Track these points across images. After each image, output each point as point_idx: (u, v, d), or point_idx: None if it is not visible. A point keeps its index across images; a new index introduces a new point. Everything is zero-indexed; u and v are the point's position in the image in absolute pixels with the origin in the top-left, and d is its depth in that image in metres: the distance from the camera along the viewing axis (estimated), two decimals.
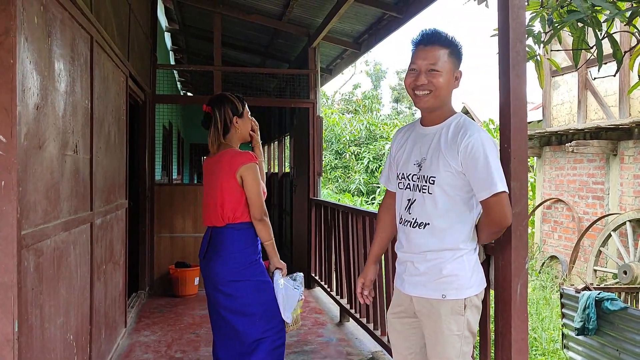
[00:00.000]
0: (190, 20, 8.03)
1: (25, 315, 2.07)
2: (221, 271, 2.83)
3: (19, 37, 1.97)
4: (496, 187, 1.97)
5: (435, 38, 2.11)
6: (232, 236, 2.84)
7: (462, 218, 2.09)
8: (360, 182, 17.24)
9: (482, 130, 2.07)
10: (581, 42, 3.46)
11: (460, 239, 2.08)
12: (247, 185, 2.81)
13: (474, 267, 2.11)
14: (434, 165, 2.09)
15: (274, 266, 2.95)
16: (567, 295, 4.96)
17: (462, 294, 2.06)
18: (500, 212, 2.01)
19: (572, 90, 9.29)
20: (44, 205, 2.34)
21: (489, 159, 1.98)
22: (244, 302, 2.82)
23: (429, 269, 2.10)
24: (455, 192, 2.07)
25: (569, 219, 9.16)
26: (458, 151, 2.02)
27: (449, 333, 2.06)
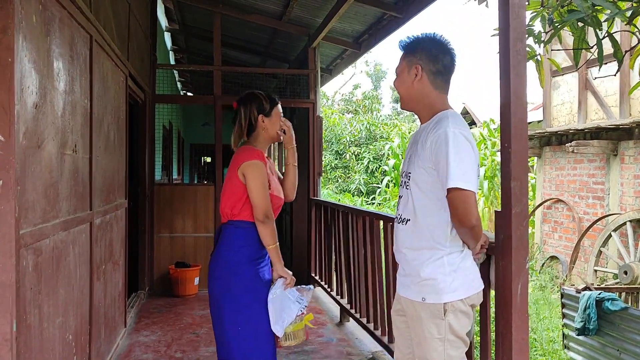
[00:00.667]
0: (190, 20, 8.02)
1: (23, 315, 2.07)
2: (215, 266, 2.70)
3: (17, 36, 1.96)
4: (451, 182, 1.90)
5: (399, 44, 2.22)
6: (231, 233, 2.70)
7: (438, 216, 2.03)
8: (360, 182, 17.23)
9: (455, 125, 1.99)
10: (581, 41, 3.46)
11: (437, 237, 2.03)
12: (248, 185, 2.65)
13: (458, 270, 2.04)
14: (412, 162, 2.12)
15: (277, 274, 2.73)
16: (568, 295, 4.95)
17: (440, 298, 2.01)
18: (460, 210, 1.91)
19: (572, 90, 9.29)
20: (43, 205, 2.33)
21: (449, 153, 1.92)
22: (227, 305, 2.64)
23: (410, 270, 2.10)
24: (428, 188, 2.04)
25: (569, 219, 9.15)
26: (426, 146, 2.02)
27: (429, 336, 2.04)
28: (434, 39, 2.16)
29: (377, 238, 4.12)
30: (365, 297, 4.40)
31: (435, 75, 2.14)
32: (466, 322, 2.09)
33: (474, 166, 1.98)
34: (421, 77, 2.12)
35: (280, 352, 4.19)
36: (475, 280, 2.13)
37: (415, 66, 2.12)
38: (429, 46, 2.14)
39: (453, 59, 2.19)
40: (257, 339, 2.65)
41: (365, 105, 22.65)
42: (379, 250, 4.11)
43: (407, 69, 2.15)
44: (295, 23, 6.55)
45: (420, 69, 2.12)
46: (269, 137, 2.83)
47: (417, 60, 2.13)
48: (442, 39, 2.18)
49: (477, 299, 2.13)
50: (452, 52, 2.18)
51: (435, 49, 2.14)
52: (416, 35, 2.20)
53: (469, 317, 2.11)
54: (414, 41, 2.17)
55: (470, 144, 1.99)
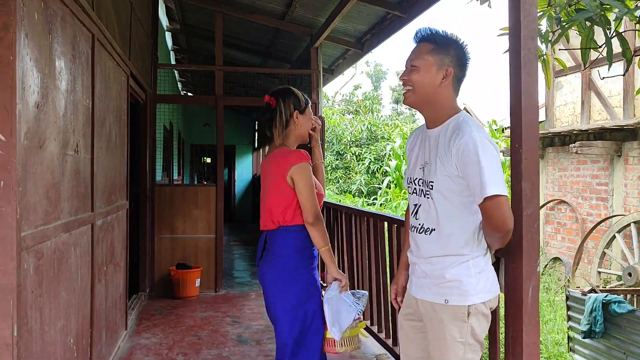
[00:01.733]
0: (191, 20, 7.98)
1: (24, 319, 2.02)
2: (270, 274, 2.66)
3: (19, 33, 1.92)
4: (486, 190, 1.85)
5: (421, 34, 2.07)
6: (283, 238, 2.65)
7: (465, 223, 1.99)
8: (361, 183, 17.18)
9: (477, 130, 1.95)
10: (590, 41, 3.41)
11: (463, 244, 1.99)
12: (298, 187, 2.59)
13: (482, 273, 2.00)
14: (433, 170, 2.02)
15: (332, 277, 2.66)
16: (574, 297, 4.90)
17: (465, 300, 1.97)
18: (497, 216, 1.87)
19: (576, 91, 9.24)
20: (45, 206, 2.28)
21: (480, 161, 1.87)
22: (287, 311, 2.63)
23: (432, 272, 2.04)
24: (454, 196, 1.98)
25: (572, 221, 9.11)
26: (452, 154, 1.94)
27: (450, 339, 1.98)
28: (462, 46, 2.07)
29: (382, 240, 4.08)
30: (369, 299, 4.36)
31: (459, 81, 2.08)
32: (486, 325, 2.05)
33: (501, 170, 1.95)
34: (448, 81, 2.03)
35: None
36: (495, 284, 2.08)
37: (447, 69, 2.02)
38: (460, 51, 2.05)
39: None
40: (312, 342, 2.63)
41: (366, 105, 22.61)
42: (383, 252, 4.06)
43: (434, 68, 2.01)
44: (297, 23, 6.51)
45: (451, 73, 2.02)
46: (300, 136, 2.77)
47: (448, 62, 2.02)
48: (467, 45, 2.10)
49: (495, 302, 2.09)
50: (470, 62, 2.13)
51: (465, 56, 2.06)
52: (447, 32, 2.08)
53: (489, 320, 2.06)
54: (446, 38, 2.04)
55: (495, 148, 1.95)
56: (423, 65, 2.02)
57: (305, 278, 2.66)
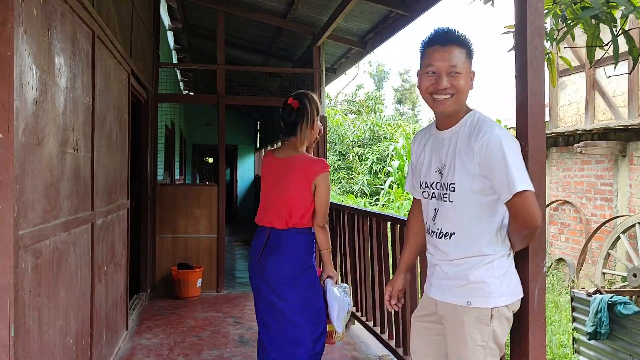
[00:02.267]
0: (193, 19, 7.95)
1: (22, 319, 1.99)
2: (279, 273, 2.80)
3: (17, 29, 1.89)
4: (515, 186, 1.82)
5: (452, 37, 1.96)
6: (294, 240, 2.81)
7: (488, 223, 1.95)
8: (363, 183, 17.13)
9: (498, 127, 1.93)
10: (595, 39, 3.37)
11: (486, 244, 1.94)
12: (320, 194, 2.80)
13: (506, 274, 1.96)
14: (453, 171, 1.96)
15: (326, 274, 2.93)
16: (578, 298, 4.85)
17: (489, 302, 1.91)
18: (526, 212, 1.85)
19: (580, 90, 9.19)
20: (43, 205, 2.25)
21: (506, 157, 1.84)
22: (294, 306, 2.80)
23: (455, 274, 1.98)
24: (476, 196, 1.93)
25: (576, 221, 9.06)
26: (474, 153, 1.89)
27: (471, 342, 1.92)
28: None
29: (385, 240, 4.04)
30: (372, 300, 4.32)
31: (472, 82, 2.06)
32: (507, 330, 2.00)
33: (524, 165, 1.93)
34: (472, 84, 2.03)
35: None
36: (518, 286, 2.03)
37: (473, 72, 2.02)
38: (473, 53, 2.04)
39: None
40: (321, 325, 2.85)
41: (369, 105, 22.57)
42: (385, 252, 4.03)
43: (469, 73, 1.99)
44: (299, 21, 6.47)
45: (474, 76, 2.03)
46: (311, 141, 2.95)
47: (472, 67, 2.02)
48: None
49: (517, 305, 2.04)
50: None
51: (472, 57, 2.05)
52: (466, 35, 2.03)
53: (510, 324, 2.01)
54: (472, 44, 2.02)
55: (517, 144, 1.94)
56: (464, 71, 1.95)
57: (312, 275, 2.86)
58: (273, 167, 2.92)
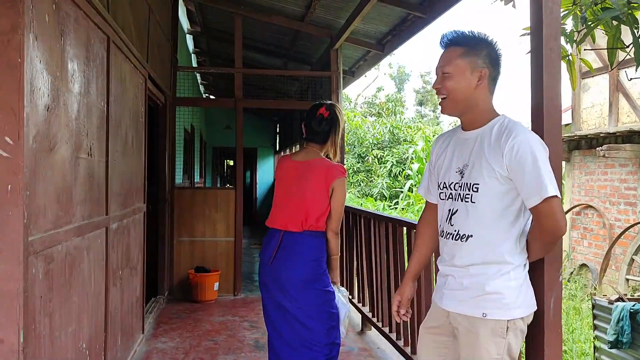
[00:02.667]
0: (211, 23, 7.99)
1: (32, 325, 1.99)
2: (294, 276, 2.82)
3: (28, 35, 1.89)
4: (547, 191, 1.77)
5: (449, 38, 1.99)
6: (309, 243, 2.85)
7: (509, 228, 1.89)
8: (383, 186, 17.04)
9: (529, 131, 1.89)
10: (616, 40, 3.29)
11: (506, 251, 1.89)
12: (336, 199, 2.85)
13: (522, 285, 1.91)
14: (477, 171, 1.91)
15: (331, 280, 2.97)
16: (600, 306, 4.74)
17: (505, 314, 1.86)
18: (553, 219, 1.79)
19: (603, 92, 9.02)
20: (55, 210, 2.26)
21: (537, 161, 1.80)
22: (311, 311, 2.83)
23: (471, 284, 1.92)
24: (500, 199, 1.88)
25: (599, 226, 8.88)
26: (503, 154, 1.84)
27: (486, 356, 1.87)
28: (493, 43, 1.99)
29: (401, 245, 3.99)
30: (387, 305, 4.27)
31: (494, 81, 2.00)
32: (520, 342, 1.95)
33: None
34: (484, 83, 1.95)
35: None
36: (533, 298, 1.98)
37: (481, 70, 1.94)
38: (492, 49, 1.97)
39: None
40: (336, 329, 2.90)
41: (389, 108, 22.46)
42: (401, 257, 3.98)
43: (468, 71, 1.94)
44: (317, 24, 6.46)
45: (486, 74, 1.95)
46: (334, 150, 3.02)
47: (481, 64, 1.94)
48: (497, 43, 2.01)
49: (531, 318, 1.98)
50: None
51: (496, 54, 1.98)
52: (474, 32, 1.99)
53: (524, 337, 1.97)
54: (475, 39, 1.97)
55: (546, 150, 1.89)
56: (455, 71, 1.95)
57: (325, 279, 2.90)
58: (291, 170, 2.96)
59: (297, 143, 11.10)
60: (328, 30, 6.48)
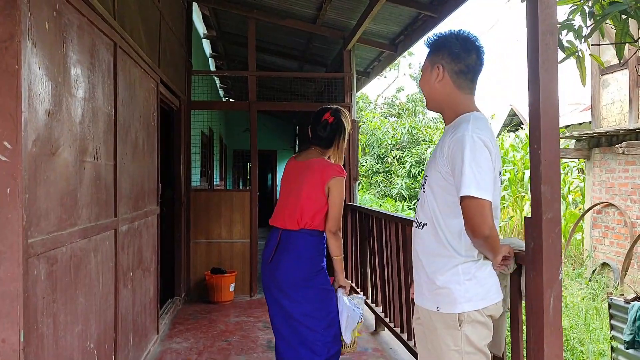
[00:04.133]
0: (226, 27, 8.06)
1: (34, 325, 2.04)
2: (291, 274, 2.84)
3: (25, 42, 1.94)
4: (462, 190, 1.80)
5: (426, 44, 2.14)
6: (305, 241, 2.87)
7: (453, 222, 1.94)
8: (402, 187, 16.97)
9: (474, 129, 1.88)
10: (625, 35, 3.23)
11: (452, 245, 1.94)
12: (333, 198, 2.85)
13: (473, 280, 1.93)
14: (429, 165, 2.05)
15: (338, 283, 2.94)
16: (616, 305, 4.66)
17: (455, 308, 1.91)
18: (472, 219, 1.80)
19: (623, 88, 8.85)
20: (58, 213, 2.31)
21: (464, 159, 1.82)
22: (307, 308, 2.84)
23: (426, 279, 2.01)
24: (442, 193, 1.96)
25: (620, 224, 8.71)
26: (444, 150, 1.93)
27: (445, 348, 1.93)
28: (458, 37, 2.04)
29: (410, 245, 3.97)
30: (399, 305, 4.26)
31: (458, 75, 2.03)
32: (485, 332, 1.97)
33: (490, 174, 1.86)
34: (443, 77, 2.04)
35: None
36: (492, 291, 1.99)
37: (437, 66, 2.03)
38: (451, 44, 2.03)
39: (479, 57, 2.07)
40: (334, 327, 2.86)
41: (409, 108, 22.35)
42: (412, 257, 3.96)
43: (429, 69, 2.07)
44: (329, 26, 6.47)
45: (442, 68, 2.03)
46: (338, 154, 3.04)
47: (439, 60, 2.04)
48: (468, 36, 2.06)
49: (494, 310, 2.01)
50: (478, 51, 2.06)
51: (459, 47, 2.03)
52: (441, 32, 2.10)
53: (488, 327, 1.99)
54: (437, 39, 2.08)
55: (489, 151, 1.87)
56: (423, 72, 2.11)
57: (323, 278, 2.89)
58: (292, 170, 3.02)
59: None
60: (340, 31, 6.49)
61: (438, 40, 2.07)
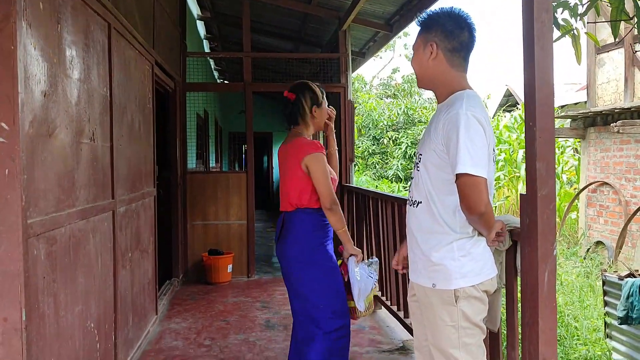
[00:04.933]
0: (221, 7, 8.00)
1: (35, 304, 2.06)
2: (292, 252, 2.90)
3: (20, 23, 1.94)
4: (457, 167, 1.81)
5: (416, 21, 2.11)
6: (301, 219, 2.90)
7: (447, 200, 1.96)
8: (398, 168, 16.99)
9: (469, 106, 1.89)
10: (620, 12, 3.24)
11: (447, 221, 1.96)
12: (314, 174, 2.84)
13: (467, 256, 1.96)
14: (423, 143, 2.06)
15: (348, 253, 2.95)
16: (610, 282, 4.72)
17: (451, 284, 1.94)
18: (468, 196, 1.81)
19: (619, 67, 8.85)
20: (57, 194, 2.32)
21: (460, 137, 1.83)
22: (309, 285, 2.87)
23: (421, 255, 2.02)
24: (436, 171, 1.97)
25: (615, 203, 8.77)
26: (439, 128, 1.93)
27: (442, 323, 1.96)
28: (451, 14, 2.04)
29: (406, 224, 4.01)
30: (395, 284, 4.31)
31: (452, 53, 2.03)
32: (481, 307, 2.00)
33: (485, 151, 1.87)
34: (436, 55, 2.02)
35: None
36: (487, 267, 2.02)
37: (430, 43, 2.02)
38: (444, 22, 2.02)
39: (472, 35, 2.07)
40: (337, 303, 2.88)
41: (404, 89, 22.27)
42: None
43: (422, 47, 2.05)
44: (324, 6, 6.43)
45: (435, 46, 2.02)
46: (317, 126, 3.07)
47: (432, 37, 2.02)
48: (460, 13, 2.06)
49: (490, 285, 2.04)
50: (470, 28, 2.06)
51: (451, 25, 2.02)
52: (433, 10, 2.09)
53: (484, 302, 2.02)
54: (429, 17, 2.06)
55: (483, 128, 1.88)
56: (415, 50, 2.09)
57: (322, 254, 2.91)
58: (281, 154, 3.07)
59: None
60: (336, 11, 6.45)
61: (430, 17, 2.06)
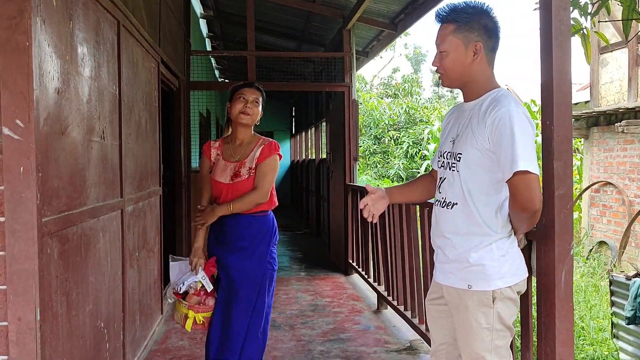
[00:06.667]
0: (224, 6, 7.98)
1: (49, 303, 2.04)
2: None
3: (35, 19, 1.91)
4: (518, 165, 1.77)
5: (442, 16, 1.99)
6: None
7: (490, 200, 1.93)
8: (399, 167, 16.98)
9: (516, 104, 1.87)
10: (632, 12, 3.23)
11: (489, 222, 1.92)
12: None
13: (506, 256, 1.93)
14: (463, 142, 1.97)
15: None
16: (617, 282, 4.71)
17: (489, 285, 1.90)
18: (524, 194, 1.79)
19: (622, 67, 8.84)
20: (69, 192, 2.30)
21: (515, 134, 1.79)
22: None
23: (456, 257, 1.98)
24: (481, 171, 1.92)
25: (618, 203, 8.76)
26: (485, 126, 1.87)
27: (477, 326, 1.92)
28: (488, 12, 1.96)
29: (414, 223, 4.00)
30: (402, 283, 4.29)
31: (492, 52, 2.00)
32: (514, 310, 1.98)
33: (534, 148, 1.86)
34: (480, 56, 1.95)
35: (315, 340, 4.14)
36: (522, 267, 2.00)
37: (475, 44, 1.93)
38: (486, 21, 1.95)
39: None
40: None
41: (405, 88, 22.27)
42: (415, 235, 3.98)
43: (462, 47, 1.94)
44: (329, 5, 6.42)
45: (481, 47, 1.94)
46: (234, 120, 3.33)
47: (475, 37, 1.93)
48: (493, 10, 2.00)
49: (523, 285, 2.02)
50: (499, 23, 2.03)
51: (492, 24, 1.96)
52: (464, 6, 1.97)
53: (517, 304, 2.00)
54: (467, 14, 1.94)
55: (532, 126, 1.87)
56: (450, 49, 1.96)
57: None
58: None
59: (312, 126, 11.09)
60: (340, 10, 6.44)
61: (467, 13, 1.94)
